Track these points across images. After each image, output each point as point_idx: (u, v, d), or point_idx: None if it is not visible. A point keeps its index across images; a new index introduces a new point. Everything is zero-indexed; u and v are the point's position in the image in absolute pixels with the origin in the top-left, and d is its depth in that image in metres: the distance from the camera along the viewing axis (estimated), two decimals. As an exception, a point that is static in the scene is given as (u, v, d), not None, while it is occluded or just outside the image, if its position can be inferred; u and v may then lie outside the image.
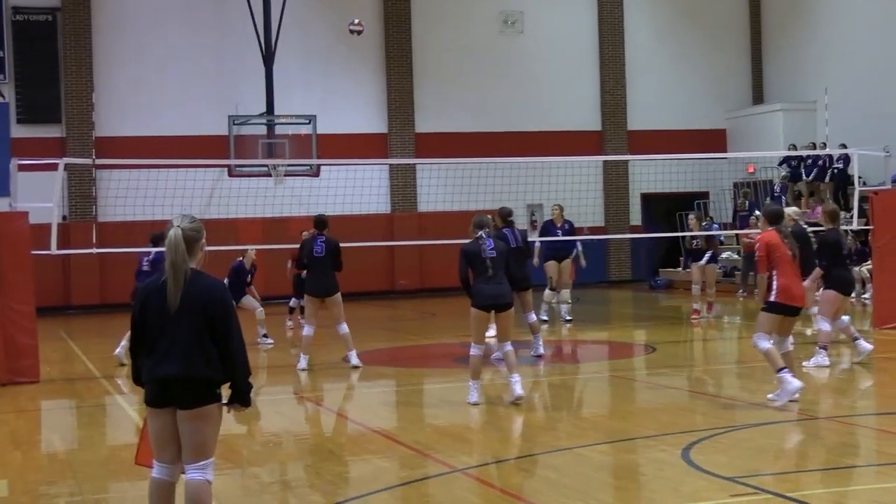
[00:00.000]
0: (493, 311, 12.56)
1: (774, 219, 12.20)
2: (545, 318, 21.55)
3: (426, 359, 18.20)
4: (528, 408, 12.75)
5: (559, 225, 21.98)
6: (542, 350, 16.55)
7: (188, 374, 6.48)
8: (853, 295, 19.68)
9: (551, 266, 21.83)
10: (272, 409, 13.26)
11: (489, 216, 13.62)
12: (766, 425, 11.05)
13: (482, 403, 12.41)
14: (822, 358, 14.69)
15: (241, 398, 6.69)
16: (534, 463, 9.66)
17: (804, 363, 14.64)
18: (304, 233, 19.39)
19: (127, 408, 13.40)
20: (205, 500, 6.60)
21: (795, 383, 11.56)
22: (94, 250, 23.45)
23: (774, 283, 11.85)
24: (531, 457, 9.89)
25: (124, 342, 16.62)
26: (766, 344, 11.80)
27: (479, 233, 12.66)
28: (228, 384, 6.65)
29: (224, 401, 6.67)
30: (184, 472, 6.63)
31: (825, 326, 14.91)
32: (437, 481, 9.11)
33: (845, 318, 15.44)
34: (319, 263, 16.03)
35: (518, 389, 12.27)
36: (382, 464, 9.93)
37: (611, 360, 17.67)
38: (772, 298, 11.87)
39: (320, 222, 16.55)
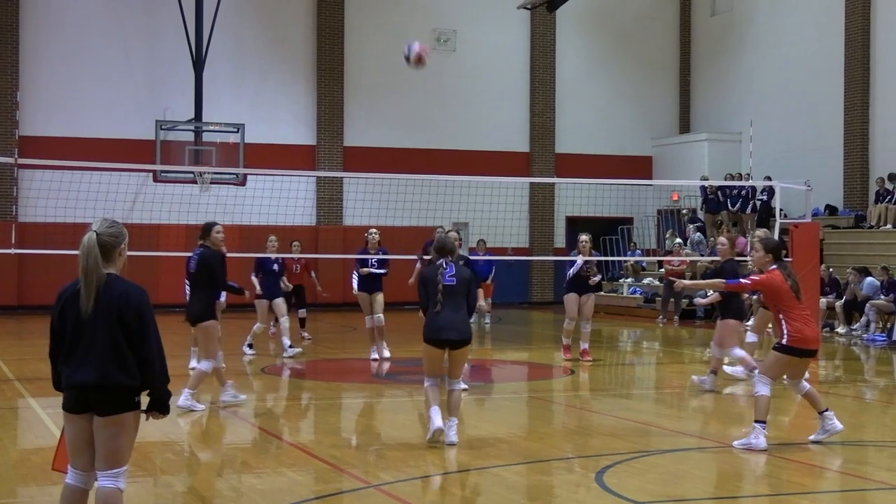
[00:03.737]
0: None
1: (779, 254, 11.42)
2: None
3: (345, 373, 18.15)
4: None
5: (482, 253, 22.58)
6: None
7: (104, 381, 6.40)
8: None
9: None
10: (188, 417, 13.14)
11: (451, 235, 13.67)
12: (678, 451, 11.15)
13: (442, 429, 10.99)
14: (709, 381, 15.29)
15: (159, 406, 6.63)
16: (449, 481, 9.66)
17: (693, 378, 15.55)
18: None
19: (39, 411, 13.21)
20: (116, 508, 6.52)
21: (762, 443, 10.82)
22: (13, 250, 23.14)
23: (785, 325, 11.10)
24: (446, 475, 9.90)
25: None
26: (765, 390, 11.07)
27: (440, 260, 11.29)
28: (147, 391, 6.59)
29: (142, 409, 6.61)
30: (96, 479, 6.56)
31: (739, 353, 15.33)
32: (352, 496, 9.08)
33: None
34: (192, 282, 13.64)
35: (452, 436, 10.99)
36: (297, 477, 9.88)
37: (529, 381, 17.74)
38: (784, 342, 11.07)
39: (202, 230, 13.76)
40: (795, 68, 32.54)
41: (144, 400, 6.60)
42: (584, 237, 18.83)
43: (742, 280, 11.90)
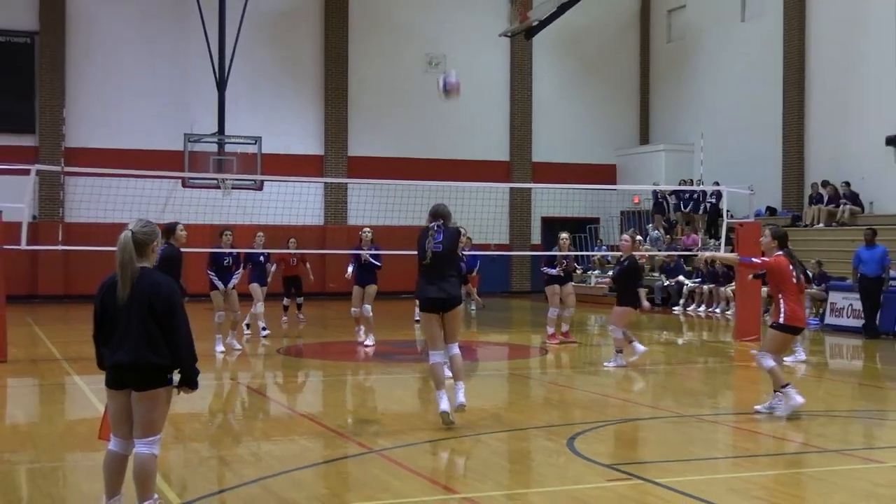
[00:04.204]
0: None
1: (784, 241, 11.40)
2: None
3: (349, 353, 18.15)
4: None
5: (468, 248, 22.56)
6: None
7: (138, 362, 6.42)
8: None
9: None
10: (211, 392, 13.13)
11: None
12: (640, 420, 11.17)
13: (447, 413, 10.27)
14: (619, 360, 15.58)
15: (189, 382, 6.64)
16: (440, 447, 9.67)
17: (604, 363, 15.68)
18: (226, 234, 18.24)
19: (84, 387, 13.19)
20: (150, 471, 6.55)
21: (798, 399, 10.93)
22: (60, 247, 23.11)
23: (783, 305, 11.15)
24: (438, 441, 9.90)
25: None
26: (770, 362, 11.14)
27: (433, 223, 10.46)
28: (178, 370, 6.60)
29: (175, 384, 6.62)
30: (134, 447, 6.57)
31: (619, 335, 15.76)
32: (356, 461, 9.08)
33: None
34: None
35: (461, 397, 10.29)
36: (308, 444, 9.88)
37: (510, 360, 17.75)
38: (781, 321, 11.16)
39: (163, 229, 11.99)
40: (740, 88, 32.57)
41: (175, 377, 6.62)
42: (564, 235, 18.74)
43: (754, 259, 11.81)
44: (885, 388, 14.32)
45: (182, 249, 14.01)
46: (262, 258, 20.06)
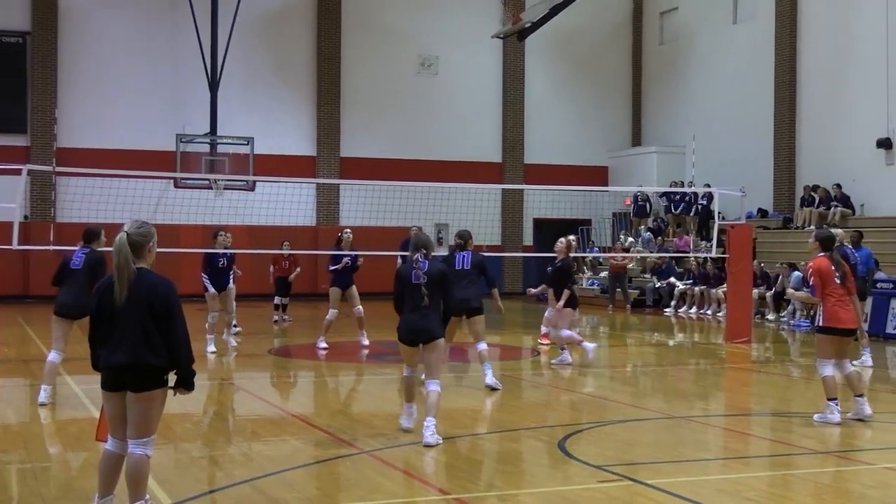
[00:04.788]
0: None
1: (827, 244, 11.18)
2: None
3: (341, 354, 18.13)
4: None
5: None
6: (490, 381, 13.25)
7: (136, 362, 6.42)
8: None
9: None
10: (203, 392, 13.11)
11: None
12: (631, 422, 11.18)
13: (411, 429, 10.11)
14: (566, 356, 16.08)
15: (185, 383, 6.64)
16: (432, 448, 9.65)
17: (552, 361, 16.12)
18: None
19: (75, 387, 13.16)
20: (144, 472, 6.55)
21: (836, 418, 10.69)
22: (52, 247, 23.06)
23: (822, 308, 11.01)
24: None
25: None
26: (827, 371, 10.89)
27: (416, 255, 9.88)
28: (174, 371, 6.59)
29: (170, 385, 6.62)
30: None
31: (566, 333, 16.12)
32: (347, 461, 9.07)
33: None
34: (74, 277, 11.83)
35: (427, 436, 9.46)
36: (299, 444, 9.87)
37: (501, 361, 17.75)
38: (820, 323, 11.03)
39: (88, 233, 12.10)
40: (732, 90, 32.63)
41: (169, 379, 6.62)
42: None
43: (811, 280, 11.13)
44: (875, 391, 14.34)
45: (176, 250, 14.01)
46: (221, 261, 20.08)
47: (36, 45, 30.37)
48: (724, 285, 23.31)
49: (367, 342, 18.45)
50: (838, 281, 10.95)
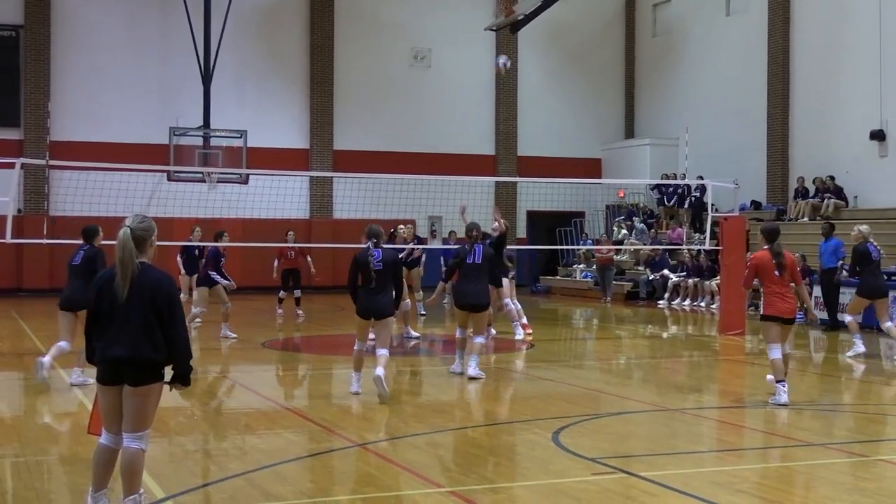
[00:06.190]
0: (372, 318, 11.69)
1: (770, 237, 11.71)
2: (423, 312, 22.13)
3: (335, 347, 18.11)
4: (422, 393, 12.76)
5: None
6: (472, 372, 13.51)
7: (136, 356, 6.41)
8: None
9: None
10: (197, 386, 13.09)
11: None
12: (624, 414, 11.18)
13: (361, 393, 11.79)
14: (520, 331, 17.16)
15: (183, 378, 6.64)
16: (425, 441, 9.65)
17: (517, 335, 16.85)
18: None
19: (69, 381, 13.13)
20: (138, 466, 6.54)
21: (783, 399, 11.24)
22: (45, 241, 23.00)
23: (763, 297, 11.76)
24: (423, 435, 9.89)
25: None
26: (775, 354, 11.45)
27: (368, 243, 11.64)
28: (171, 365, 6.58)
29: (167, 380, 6.61)
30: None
31: (512, 307, 17.58)
32: (341, 454, 9.07)
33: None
34: (74, 273, 12.48)
35: (376, 374, 11.36)
36: (293, 437, 9.87)
37: (495, 354, 17.73)
38: (762, 312, 11.81)
39: (86, 232, 12.79)
40: (725, 82, 32.64)
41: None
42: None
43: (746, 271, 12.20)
44: (870, 383, 14.36)
45: (169, 243, 14.03)
46: (196, 252, 20.48)
47: (29, 39, 30.27)
48: (718, 277, 23.33)
49: (415, 334, 18.50)
50: (777, 273, 11.46)
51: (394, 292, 11.75)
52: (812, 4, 29.78)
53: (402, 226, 19.52)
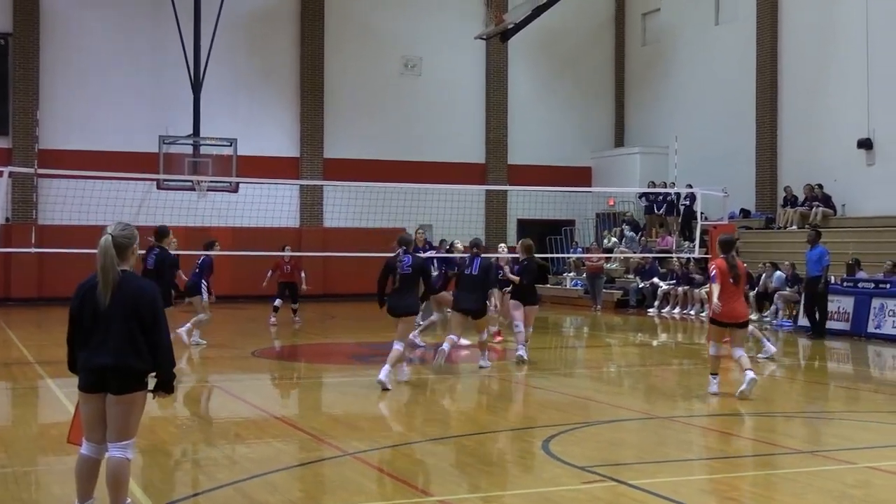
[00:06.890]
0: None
1: (726, 248, 12.76)
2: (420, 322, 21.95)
3: (325, 355, 18.11)
4: (413, 401, 12.75)
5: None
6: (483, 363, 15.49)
7: (119, 364, 6.38)
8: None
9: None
10: (185, 394, 13.06)
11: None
12: (614, 422, 11.18)
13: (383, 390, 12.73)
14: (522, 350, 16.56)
15: (166, 386, 6.62)
16: (415, 449, 9.65)
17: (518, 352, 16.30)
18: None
19: (56, 391, 13.10)
20: (124, 476, 6.51)
21: (714, 389, 12.69)
22: (34, 250, 22.96)
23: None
24: (414, 444, 9.88)
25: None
26: (713, 350, 12.84)
27: (399, 250, 13.00)
28: (154, 374, 6.57)
29: (150, 389, 6.59)
30: (107, 451, 6.53)
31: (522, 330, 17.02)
32: (331, 464, 9.05)
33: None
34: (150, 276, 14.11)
35: (381, 375, 12.68)
36: (282, 447, 9.85)
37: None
38: (713, 315, 12.65)
39: (159, 232, 15.53)
40: (714, 91, 32.72)
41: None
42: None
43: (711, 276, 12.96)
44: (857, 390, 14.39)
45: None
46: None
47: (18, 47, 30.21)
48: (707, 286, 23.35)
49: (466, 342, 18.00)
50: (732, 281, 12.52)
51: (420, 292, 13.36)
52: (800, 14, 29.89)
53: (457, 241, 19.50)
